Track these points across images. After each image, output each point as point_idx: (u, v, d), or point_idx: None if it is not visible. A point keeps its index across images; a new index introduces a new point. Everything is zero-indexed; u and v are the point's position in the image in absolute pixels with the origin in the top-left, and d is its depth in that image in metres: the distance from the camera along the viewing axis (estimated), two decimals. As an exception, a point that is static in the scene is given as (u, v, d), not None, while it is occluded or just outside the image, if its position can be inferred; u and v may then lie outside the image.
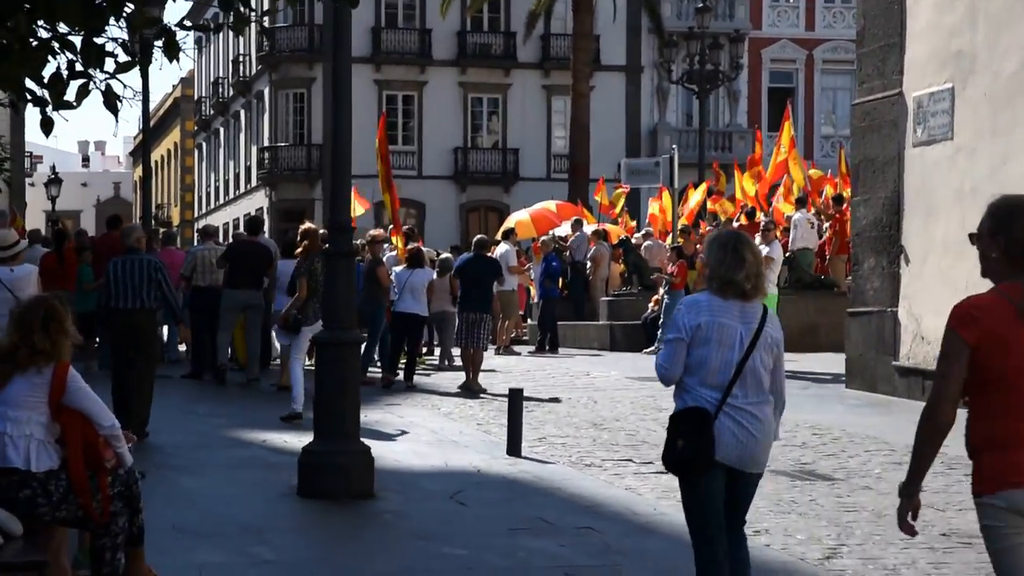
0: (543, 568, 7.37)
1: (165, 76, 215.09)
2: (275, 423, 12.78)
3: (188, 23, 9.66)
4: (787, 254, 20.62)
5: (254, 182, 49.84)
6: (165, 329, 19.16)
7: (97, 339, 17.23)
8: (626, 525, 8.32)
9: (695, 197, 26.13)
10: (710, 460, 5.41)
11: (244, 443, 11.93)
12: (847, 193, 23.54)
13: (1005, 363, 4.13)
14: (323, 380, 9.62)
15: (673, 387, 5.63)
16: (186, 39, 8.69)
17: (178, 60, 6.20)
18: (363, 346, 17.30)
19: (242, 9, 6.29)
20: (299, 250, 13.87)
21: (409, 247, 17.74)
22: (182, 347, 19.41)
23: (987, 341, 4.13)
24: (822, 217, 23.20)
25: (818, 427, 12.56)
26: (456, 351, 17.95)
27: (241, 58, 51.50)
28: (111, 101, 5.78)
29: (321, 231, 14.60)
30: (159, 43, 6.31)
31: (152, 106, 37.08)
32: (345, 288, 9.75)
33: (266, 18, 45.31)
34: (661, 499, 9.18)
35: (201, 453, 11.33)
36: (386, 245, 21.42)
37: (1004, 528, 4.12)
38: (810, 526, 8.32)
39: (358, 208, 21.23)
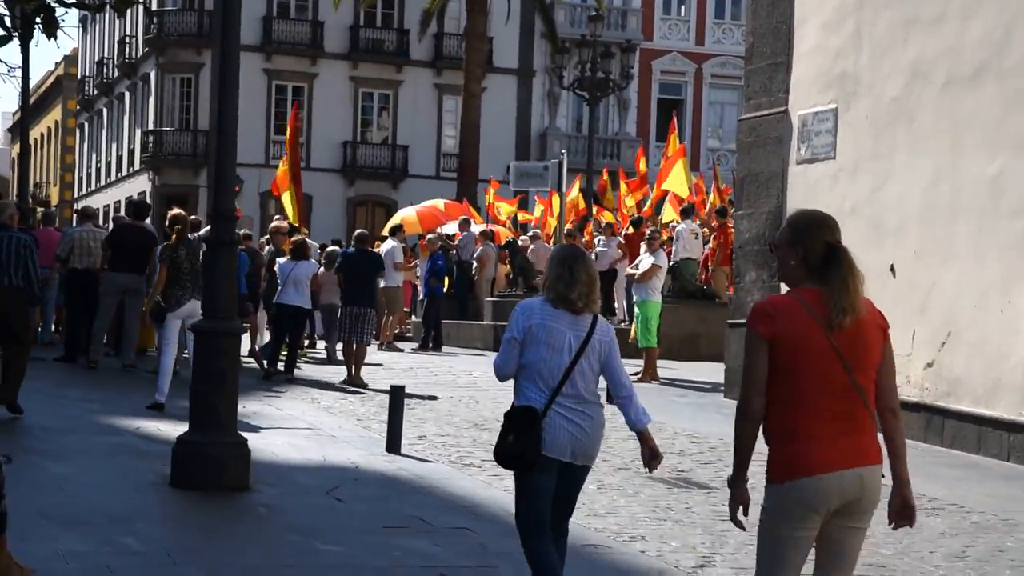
0: (418, 568, 7.33)
1: (48, 53, 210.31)
2: (147, 411, 12.55)
3: (69, 0, 9.36)
4: (671, 263, 20.86)
5: (137, 165, 48.99)
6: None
7: None
8: (503, 527, 8.30)
9: (573, 192, 26.36)
10: (536, 455, 5.82)
11: (117, 430, 11.68)
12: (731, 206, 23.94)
13: (794, 360, 4.46)
14: (200, 370, 9.46)
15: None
16: (65, 16, 8.54)
17: (55, 38, 6.06)
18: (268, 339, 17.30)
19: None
20: (173, 236, 13.61)
21: (294, 239, 17.57)
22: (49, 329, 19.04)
23: (779, 338, 4.47)
24: (706, 229, 23.52)
25: (696, 435, 12.71)
26: (339, 345, 17.85)
27: (127, 39, 50.58)
28: (-14, 74, 5.61)
29: (192, 217, 14.39)
30: (38, 20, 6.15)
31: (33, 83, 36.21)
32: (225, 277, 9.60)
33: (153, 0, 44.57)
34: (537, 501, 9.21)
35: (71, 438, 11.07)
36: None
37: (781, 515, 4.50)
38: (685, 534, 8.40)
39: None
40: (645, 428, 6.06)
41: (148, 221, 17.70)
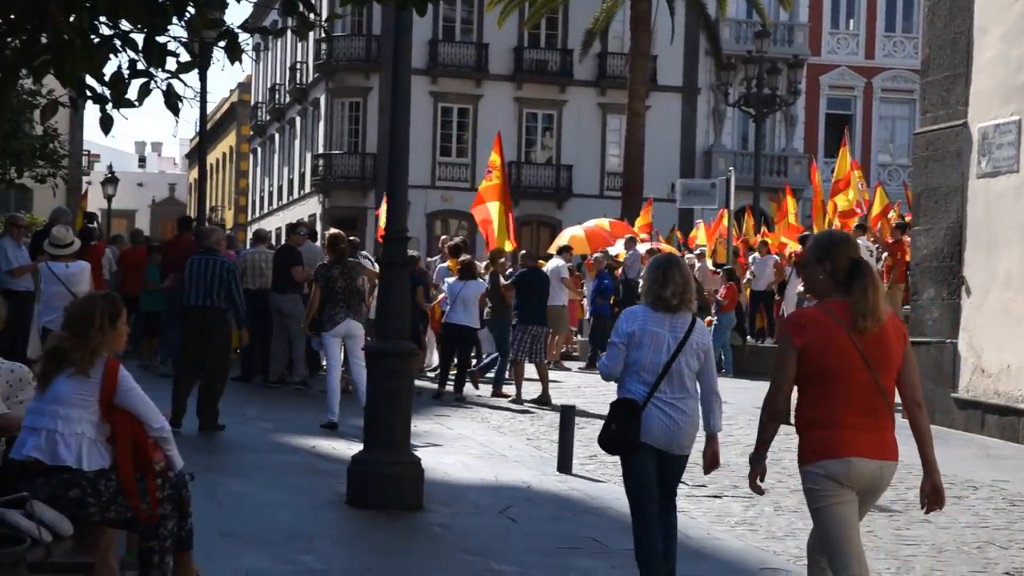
0: (594, 590, 7.25)
1: (222, 80, 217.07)
2: (323, 430, 12.73)
3: (250, 26, 9.60)
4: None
5: (307, 188, 50.01)
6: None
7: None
8: (681, 549, 8.17)
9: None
10: (636, 442, 6.51)
11: (293, 448, 11.87)
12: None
13: (823, 363, 5.14)
14: (375, 390, 9.54)
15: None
16: (247, 42, 8.71)
17: (240, 62, 6.15)
18: (494, 360, 17.54)
19: (306, 13, 6.22)
20: (327, 256, 13.85)
21: (462, 259, 17.68)
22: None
23: (811, 345, 5.13)
24: (878, 245, 22.94)
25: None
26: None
27: (298, 65, 51.76)
28: (172, 101, 5.73)
29: (351, 238, 14.60)
30: (221, 44, 6.25)
31: (209, 109, 37.26)
32: (399, 298, 9.67)
33: (328, 23, 45.55)
34: (715, 523, 9.04)
35: (250, 457, 11.28)
36: (437, 257, 21.40)
37: (821, 491, 5.19)
38: (869, 558, 8.12)
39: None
40: (715, 433, 6.78)
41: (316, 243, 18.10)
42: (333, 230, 14.68)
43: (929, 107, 16.13)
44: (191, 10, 6.21)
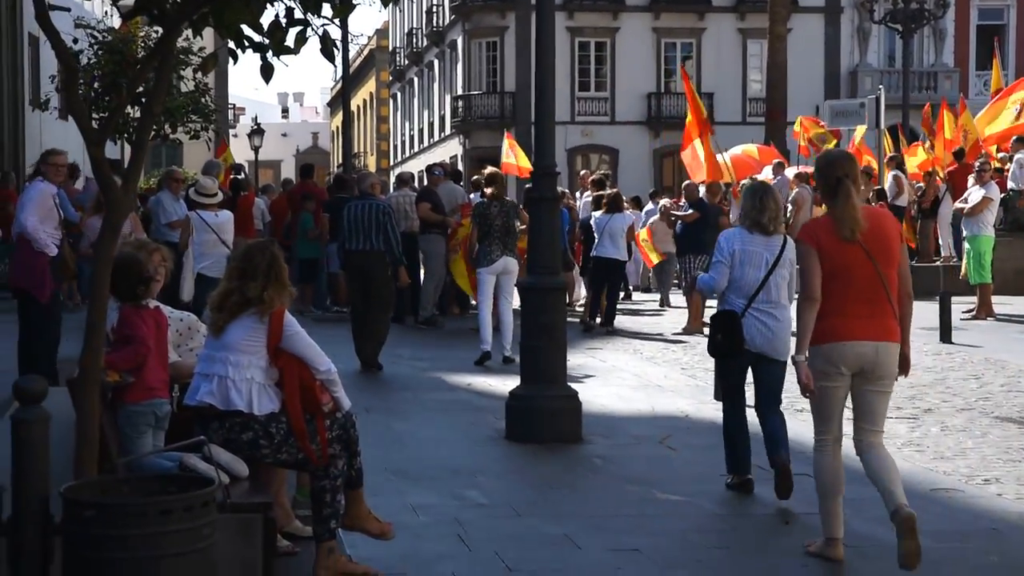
0: (761, 516, 7.21)
1: (359, 26, 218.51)
2: (477, 367, 12.85)
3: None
4: (1004, 194, 19.72)
5: (448, 130, 50.26)
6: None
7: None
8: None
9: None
10: (740, 347, 7.48)
11: (449, 386, 12.01)
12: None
13: (832, 261, 6.04)
14: (528, 325, 9.60)
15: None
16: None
17: (396, 3, 6.15)
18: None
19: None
20: (489, 191, 13.91)
21: (608, 192, 17.61)
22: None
23: (822, 247, 6.06)
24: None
25: (1040, 374, 12.03)
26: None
27: (435, 8, 51.88)
28: (328, 48, 5.77)
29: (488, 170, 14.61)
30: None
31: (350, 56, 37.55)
32: (548, 232, 9.68)
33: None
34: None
35: (407, 395, 11.45)
36: (587, 193, 21.30)
37: (818, 369, 6.07)
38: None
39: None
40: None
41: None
42: (491, 168, 14.73)
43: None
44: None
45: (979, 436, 9.26)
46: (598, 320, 16.73)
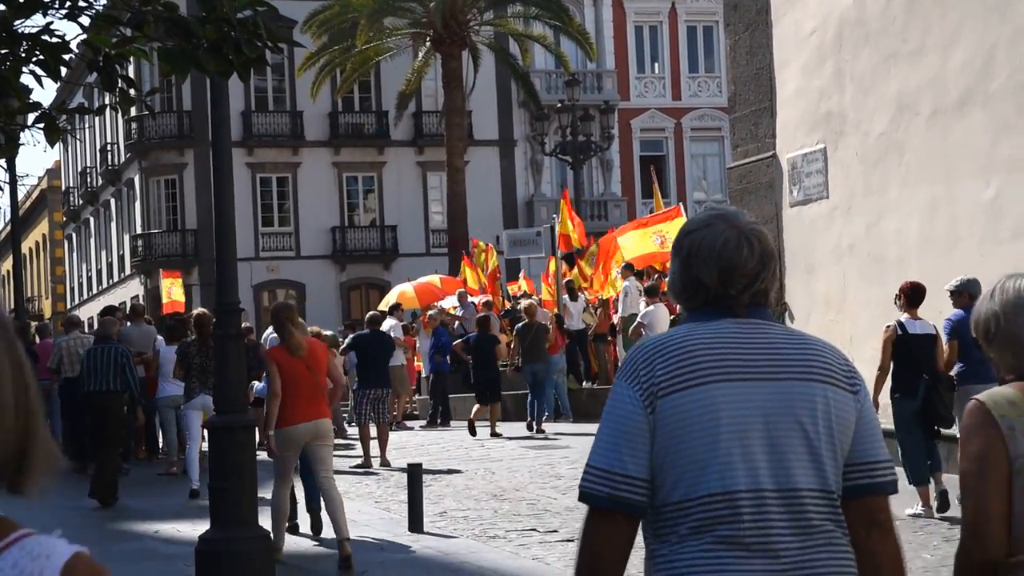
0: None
1: (26, 167, 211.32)
2: (163, 513, 12.44)
3: (67, 107, 9.34)
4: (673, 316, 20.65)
5: (128, 270, 49.01)
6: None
7: None
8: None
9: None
10: None
11: (136, 535, 11.56)
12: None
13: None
14: (219, 465, 9.37)
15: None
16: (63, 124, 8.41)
17: (63, 143, 6.05)
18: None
19: (126, 88, 6.13)
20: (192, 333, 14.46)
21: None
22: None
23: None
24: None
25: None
26: (351, 429, 17.83)
27: (109, 147, 50.81)
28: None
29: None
30: (40, 126, 6.13)
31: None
32: (236, 371, 9.54)
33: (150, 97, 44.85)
34: (569, 568, 9.09)
35: (93, 549, 10.86)
36: (269, 328, 21.03)
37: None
38: None
39: None
40: None
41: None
42: (200, 310, 14.78)
43: (739, 141, 16.66)
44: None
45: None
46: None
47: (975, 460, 3.06)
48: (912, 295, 10.86)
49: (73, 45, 6.28)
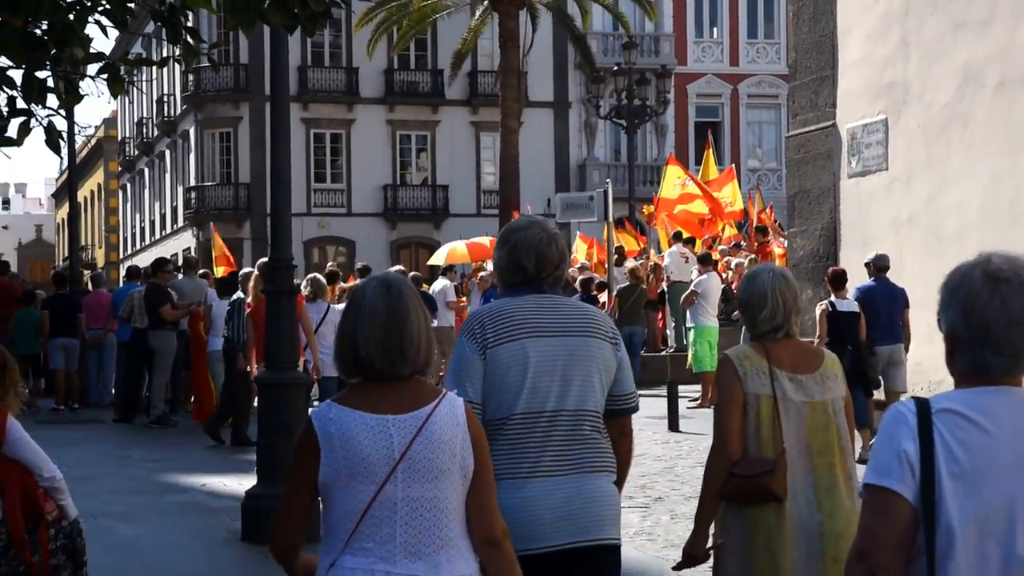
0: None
1: (85, 116, 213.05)
2: (212, 466, 12.50)
3: (132, 58, 9.31)
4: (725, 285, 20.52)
5: (181, 222, 49.31)
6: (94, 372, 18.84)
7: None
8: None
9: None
10: None
11: (183, 488, 11.61)
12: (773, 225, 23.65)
13: None
14: (266, 422, 9.38)
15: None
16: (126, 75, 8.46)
17: (126, 94, 6.01)
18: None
19: (191, 41, 6.08)
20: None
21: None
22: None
23: None
24: (744, 249, 23.16)
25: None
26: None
27: (166, 98, 51.04)
28: (53, 139, 5.56)
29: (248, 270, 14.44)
30: (104, 77, 6.09)
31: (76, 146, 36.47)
32: (287, 326, 9.53)
33: (213, 50, 44.97)
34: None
35: (139, 499, 11.01)
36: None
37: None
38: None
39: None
40: None
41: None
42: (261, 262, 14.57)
43: (799, 110, 16.43)
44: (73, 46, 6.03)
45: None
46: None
47: (724, 392, 4.58)
48: (835, 280, 12.77)
49: (139, -6, 6.24)
